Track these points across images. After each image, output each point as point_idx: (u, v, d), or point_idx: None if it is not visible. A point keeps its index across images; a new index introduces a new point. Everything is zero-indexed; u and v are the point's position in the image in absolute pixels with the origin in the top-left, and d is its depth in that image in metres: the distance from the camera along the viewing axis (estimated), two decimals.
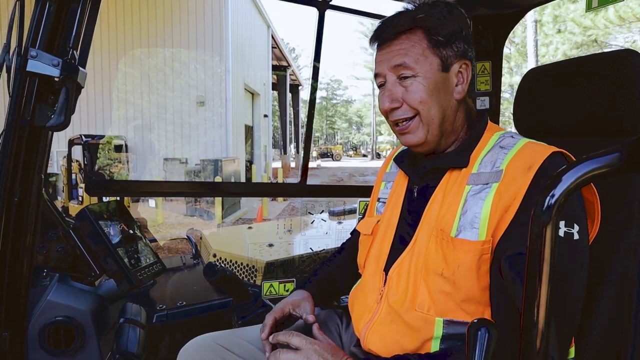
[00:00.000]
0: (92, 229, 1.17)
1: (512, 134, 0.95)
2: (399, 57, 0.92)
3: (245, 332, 1.18)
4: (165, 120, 12.33)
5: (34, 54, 1.01)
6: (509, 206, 0.81)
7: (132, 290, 1.20)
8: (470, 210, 0.85)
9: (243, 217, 9.98)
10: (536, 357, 0.45)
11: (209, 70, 12.38)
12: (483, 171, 0.88)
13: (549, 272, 0.44)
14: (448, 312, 0.85)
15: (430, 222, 0.91)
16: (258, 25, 16.51)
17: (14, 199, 1.06)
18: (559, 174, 0.46)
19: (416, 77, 0.91)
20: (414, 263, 0.92)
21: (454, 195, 0.90)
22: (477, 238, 0.82)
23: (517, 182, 0.81)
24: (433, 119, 0.93)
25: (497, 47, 1.86)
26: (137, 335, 1.11)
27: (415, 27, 0.92)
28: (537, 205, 0.45)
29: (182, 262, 2.18)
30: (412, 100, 0.92)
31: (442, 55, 0.93)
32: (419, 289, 0.89)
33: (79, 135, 8.86)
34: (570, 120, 1.09)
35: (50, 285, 1.15)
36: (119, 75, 12.33)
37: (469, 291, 0.83)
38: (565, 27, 13.24)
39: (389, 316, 0.93)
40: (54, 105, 1.08)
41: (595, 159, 0.46)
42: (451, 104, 0.95)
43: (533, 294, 0.45)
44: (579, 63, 1.09)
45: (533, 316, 0.45)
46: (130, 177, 11.67)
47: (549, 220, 0.44)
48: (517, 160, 0.84)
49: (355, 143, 64.44)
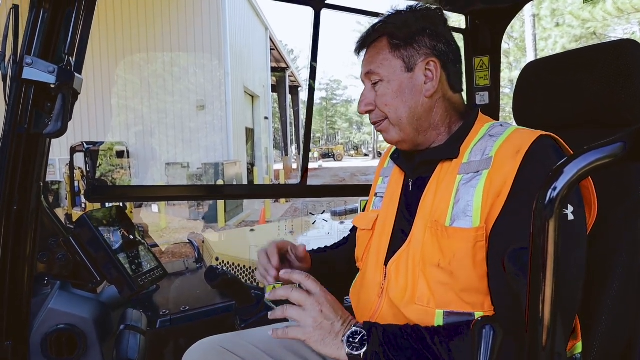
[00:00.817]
0: (92, 236, 1.16)
1: (501, 122, 0.96)
2: (367, 64, 1.00)
3: (249, 335, 1.17)
4: (166, 125, 12.37)
5: (29, 61, 1.01)
6: (500, 191, 0.81)
7: (133, 296, 1.19)
8: (463, 198, 0.86)
9: (246, 220, 9.98)
10: (542, 352, 0.44)
11: (208, 74, 12.42)
12: (473, 160, 0.89)
13: (553, 267, 0.43)
14: (448, 303, 0.85)
15: (425, 215, 0.92)
16: (256, 27, 16.54)
17: (13, 208, 1.05)
18: (560, 165, 0.45)
19: (382, 82, 0.97)
20: (411, 256, 0.92)
21: (446, 185, 0.91)
22: (471, 225, 0.83)
23: (506, 167, 0.82)
24: (401, 119, 0.97)
25: (495, 42, 1.85)
26: (138, 341, 1.11)
27: (380, 36, 0.99)
28: (538, 199, 0.44)
29: (185, 266, 2.17)
30: (380, 103, 0.98)
31: (403, 57, 0.96)
32: (418, 282, 0.89)
33: (80, 143, 8.88)
34: (570, 113, 1.08)
35: (51, 293, 1.14)
36: (118, 81, 12.38)
37: (467, 280, 0.83)
38: (564, 20, 13.20)
39: (391, 310, 0.93)
40: (50, 112, 1.07)
41: (598, 150, 0.45)
42: (421, 102, 0.96)
43: (537, 290, 0.44)
44: (578, 55, 1.08)
45: (538, 312, 0.44)
46: (133, 183, 11.71)
47: (552, 214, 0.43)
48: (505, 145, 0.85)
49: (357, 143, 64.48)
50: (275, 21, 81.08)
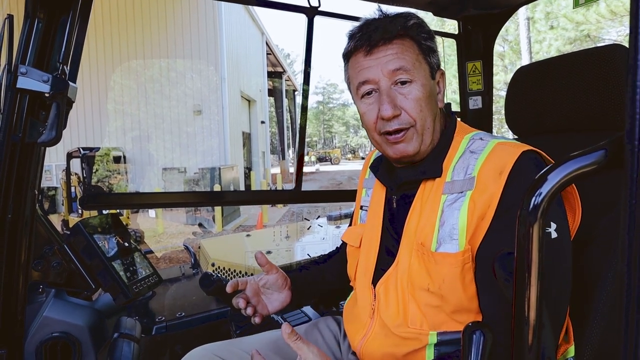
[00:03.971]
0: (87, 244, 1.17)
1: (481, 135, 0.92)
2: (397, 60, 0.87)
3: (243, 342, 1.17)
4: (162, 130, 12.36)
5: (23, 70, 1.02)
6: (485, 214, 0.80)
7: (128, 303, 1.19)
8: (448, 221, 0.84)
9: (244, 225, 9.96)
10: (528, 354, 0.45)
11: (204, 79, 12.43)
12: (456, 179, 0.86)
13: (538, 271, 0.44)
14: (440, 324, 0.85)
15: (410, 236, 0.90)
16: (252, 32, 16.58)
17: (8, 216, 1.06)
18: (544, 173, 0.46)
19: (414, 83, 0.88)
20: (399, 279, 0.90)
21: (430, 205, 0.88)
22: (458, 249, 0.82)
23: (490, 189, 0.80)
24: (428, 128, 0.90)
25: (487, 47, 1.87)
26: (132, 349, 1.11)
27: (405, 34, 0.90)
28: (522, 206, 0.45)
29: (181, 272, 2.17)
30: (411, 108, 0.88)
31: (430, 63, 0.92)
32: (408, 305, 0.88)
33: (77, 149, 8.85)
34: (561, 117, 1.09)
35: (46, 301, 1.14)
36: (115, 86, 12.37)
37: (458, 302, 0.83)
38: (558, 23, 13.29)
39: (382, 330, 0.92)
40: (45, 120, 1.07)
41: (580, 157, 0.45)
42: (437, 112, 0.94)
43: (523, 294, 0.45)
44: (568, 59, 1.09)
45: (524, 314, 0.45)
46: (130, 188, 11.67)
47: (535, 220, 0.44)
48: (487, 165, 0.82)
49: (353, 146, 64.49)
50: (271, 26, 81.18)
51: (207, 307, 1.63)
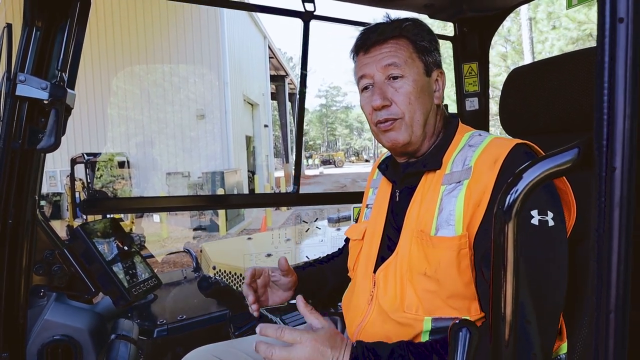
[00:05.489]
0: (86, 248, 1.18)
1: (480, 132, 1.00)
2: (389, 57, 0.96)
3: (242, 343, 1.19)
4: (166, 134, 12.43)
5: (22, 78, 1.04)
6: (480, 200, 0.84)
7: (128, 306, 1.21)
8: (445, 208, 0.89)
9: (248, 228, 9.99)
10: (505, 350, 0.46)
11: (207, 84, 12.50)
12: (455, 170, 0.92)
13: (513, 267, 0.45)
14: (435, 310, 0.87)
15: (411, 225, 0.95)
16: (254, 36, 16.66)
17: (9, 221, 1.08)
18: (520, 171, 0.47)
19: (404, 79, 0.96)
20: (399, 266, 0.94)
21: (430, 196, 0.93)
22: (454, 233, 0.86)
23: (485, 177, 0.85)
24: (417, 120, 0.97)
25: (483, 48, 1.88)
26: (128, 351, 1.12)
27: (400, 35, 0.98)
28: (499, 202, 0.46)
29: (183, 275, 2.19)
30: (400, 101, 0.96)
31: (425, 61, 1.00)
32: (406, 291, 0.91)
33: (81, 154, 8.93)
34: (555, 117, 1.10)
35: (47, 305, 1.16)
36: (119, 92, 12.47)
37: (453, 287, 0.86)
38: (560, 23, 13.26)
39: (380, 316, 0.95)
40: (44, 127, 1.10)
41: (555, 156, 0.46)
42: (432, 107, 1.00)
43: (499, 290, 0.46)
44: (561, 60, 1.10)
45: (500, 311, 0.46)
46: (134, 193, 11.73)
47: (510, 217, 0.45)
48: (483, 155, 0.88)
49: (357, 149, 64.49)
50: (273, 29, 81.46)
51: (207, 309, 1.65)
